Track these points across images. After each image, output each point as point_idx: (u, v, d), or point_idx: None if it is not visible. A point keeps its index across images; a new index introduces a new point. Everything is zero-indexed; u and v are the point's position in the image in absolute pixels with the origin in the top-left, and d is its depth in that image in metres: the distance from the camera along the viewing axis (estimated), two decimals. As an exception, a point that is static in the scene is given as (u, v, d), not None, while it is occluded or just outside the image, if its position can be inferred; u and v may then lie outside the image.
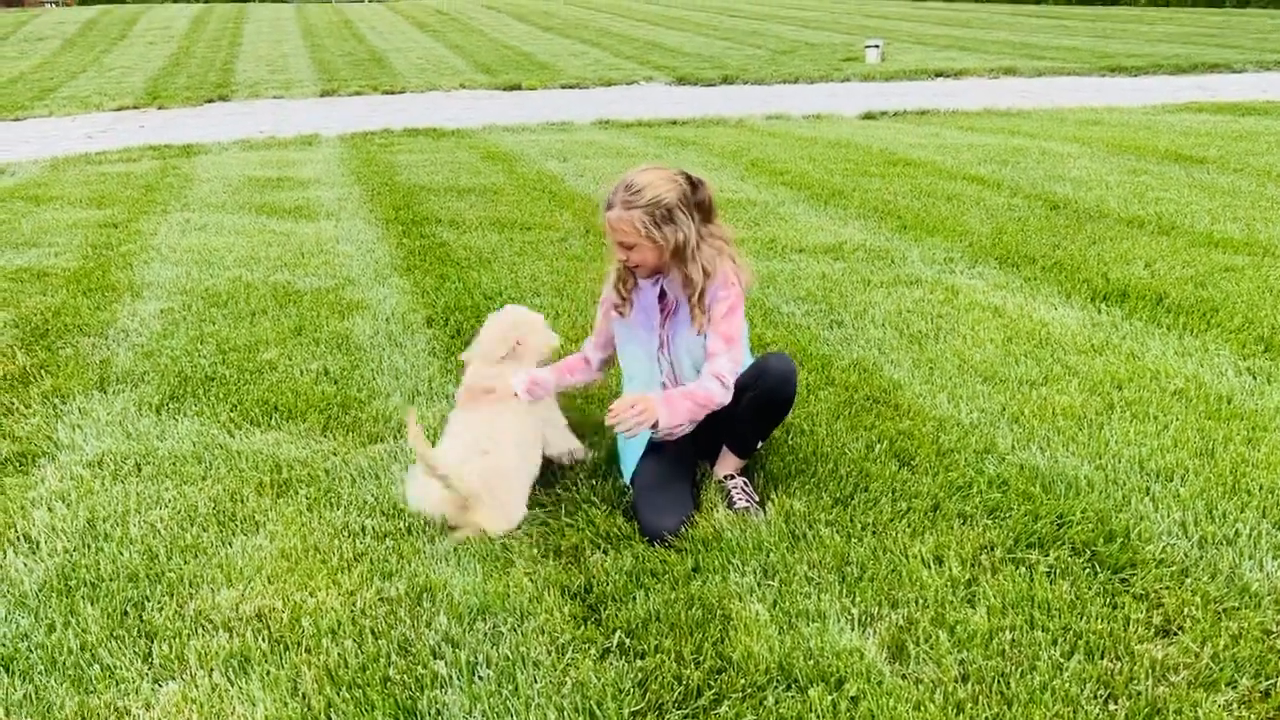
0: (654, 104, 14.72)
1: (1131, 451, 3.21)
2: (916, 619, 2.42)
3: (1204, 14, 33.11)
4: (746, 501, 2.98)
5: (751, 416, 3.01)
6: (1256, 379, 3.81)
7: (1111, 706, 2.15)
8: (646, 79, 18.77)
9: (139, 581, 2.64)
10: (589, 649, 2.36)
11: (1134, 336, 4.27)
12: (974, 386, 3.78)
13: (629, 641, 2.38)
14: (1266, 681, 2.20)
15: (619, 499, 3.02)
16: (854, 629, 2.39)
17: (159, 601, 2.56)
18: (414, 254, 5.94)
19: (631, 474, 3.07)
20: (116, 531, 2.89)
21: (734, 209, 6.90)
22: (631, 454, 3.12)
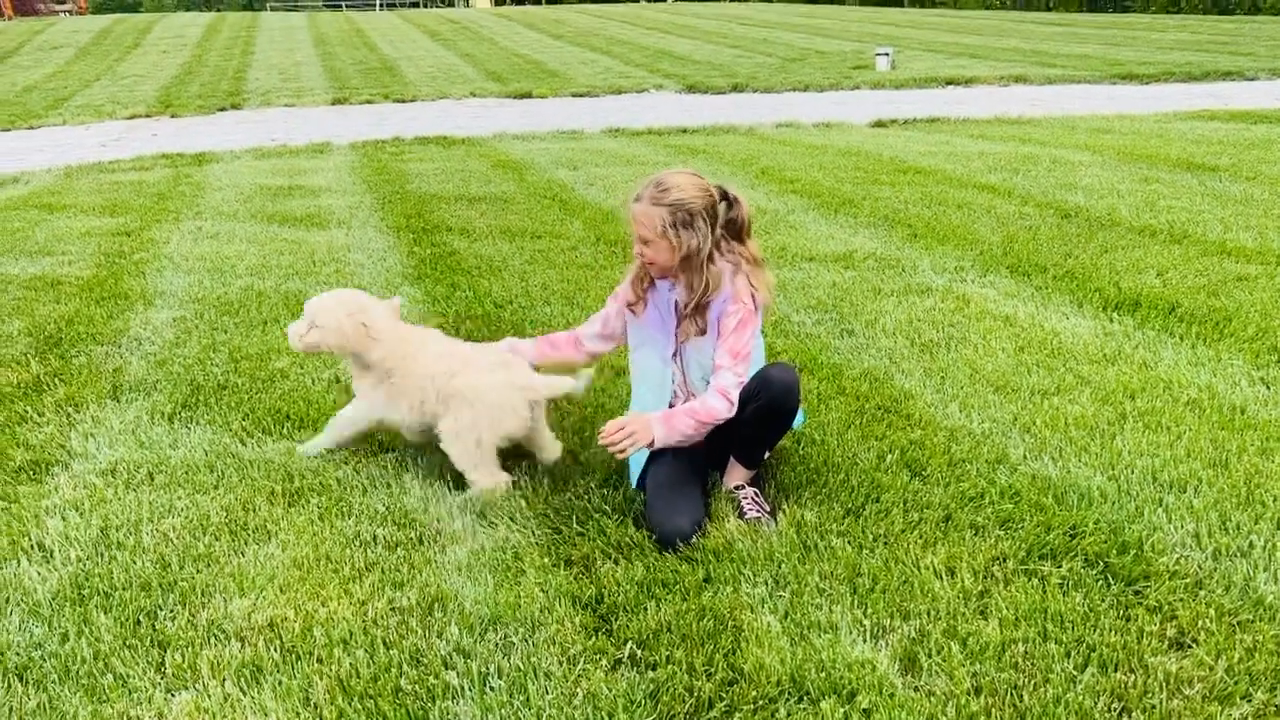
0: (664, 112, 14.75)
1: (1144, 462, 3.20)
2: (928, 631, 2.41)
3: (1216, 22, 33.03)
4: (757, 511, 2.97)
5: (755, 428, 3.02)
6: (1270, 389, 3.79)
7: (1125, 720, 2.14)
8: (656, 87, 18.82)
9: (152, 591, 2.65)
10: (600, 660, 2.35)
11: (1146, 346, 4.26)
12: (985, 396, 3.77)
13: (640, 652, 2.37)
14: (1282, 695, 2.19)
15: (629, 508, 3.02)
16: (866, 641, 2.39)
17: (171, 611, 2.57)
18: (425, 262, 5.96)
19: (639, 478, 3.07)
20: (129, 540, 2.90)
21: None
22: (638, 458, 3.11)
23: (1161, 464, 3.18)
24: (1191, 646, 2.35)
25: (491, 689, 2.26)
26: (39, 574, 2.75)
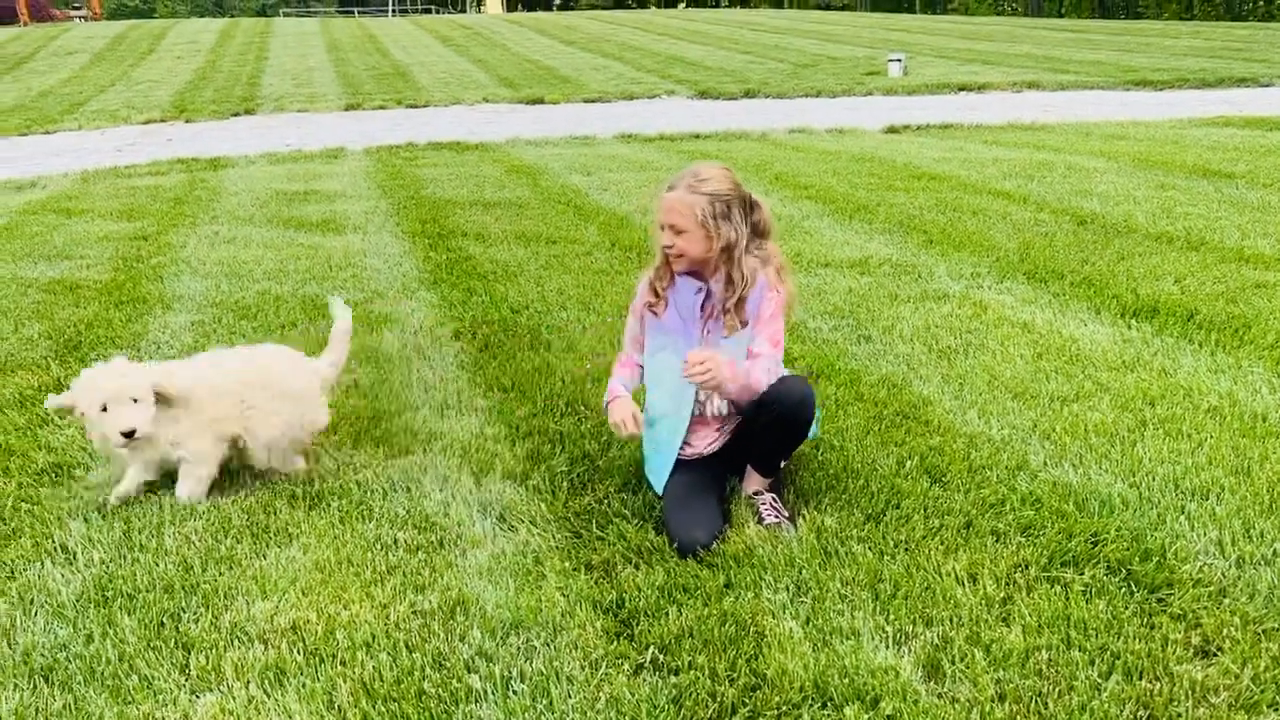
0: (676, 118, 14.77)
1: (1165, 469, 3.18)
2: (951, 637, 2.40)
3: (1230, 28, 32.93)
4: (776, 517, 2.97)
5: (769, 437, 3.01)
6: (1291, 397, 3.77)
7: (1151, 728, 2.13)
8: (668, 93, 18.85)
9: (175, 593, 2.66)
10: (622, 664, 2.35)
11: (1165, 353, 4.24)
12: (1004, 403, 3.76)
13: (662, 657, 2.37)
14: (1309, 704, 2.18)
15: (649, 512, 3.02)
16: (888, 647, 2.38)
17: (195, 613, 2.58)
18: (441, 267, 5.98)
19: (666, 486, 3.05)
20: (152, 543, 2.91)
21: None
22: (661, 466, 3.09)
23: (1183, 471, 3.17)
24: (1217, 655, 2.34)
25: (514, 693, 2.26)
26: (62, 576, 2.76)
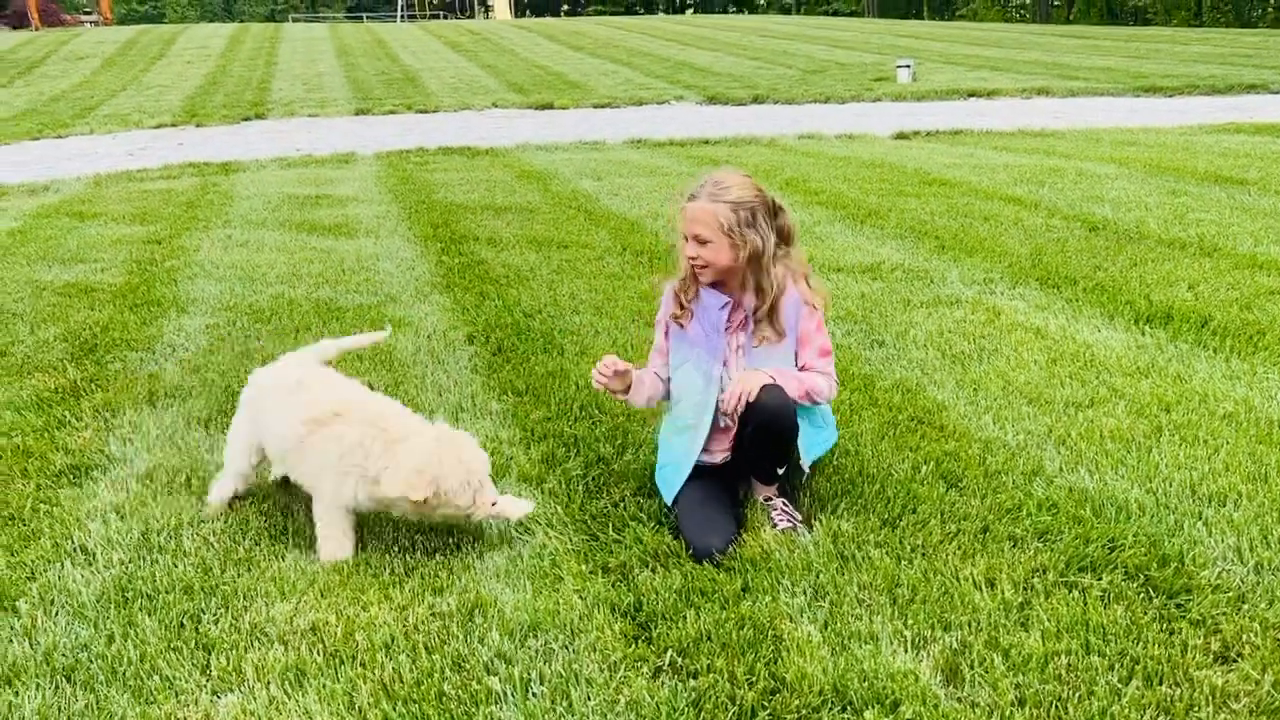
0: (685, 123, 14.79)
1: (1182, 475, 3.18)
2: (970, 642, 2.40)
3: (1239, 34, 32.88)
4: (789, 521, 2.97)
5: (756, 449, 2.99)
6: (1307, 403, 3.76)
7: (1172, 733, 2.13)
8: (677, 98, 18.88)
9: (194, 594, 2.67)
10: (641, 667, 2.36)
11: (1180, 359, 4.24)
12: (1019, 408, 3.76)
13: (681, 661, 2.38)
14: (1330, 710, 2.17)
15: (665, 516, 3.02)
16: (907, 651, 2.38)
17: (215, 614, 2.59)
18: (453, 271, 5.99)
19: (674, 499, 3.04)
20: (170, 544, 2.93)
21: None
22: (673, 477, 3.07)
23: (1200, 477, 3.16)
24: (1237, 660, 2.33)
25: (534, 695, 2.27)
26: (82, 576, 2.77)
